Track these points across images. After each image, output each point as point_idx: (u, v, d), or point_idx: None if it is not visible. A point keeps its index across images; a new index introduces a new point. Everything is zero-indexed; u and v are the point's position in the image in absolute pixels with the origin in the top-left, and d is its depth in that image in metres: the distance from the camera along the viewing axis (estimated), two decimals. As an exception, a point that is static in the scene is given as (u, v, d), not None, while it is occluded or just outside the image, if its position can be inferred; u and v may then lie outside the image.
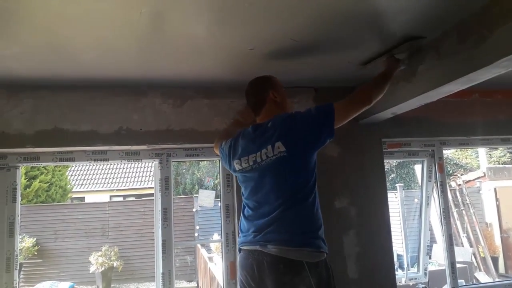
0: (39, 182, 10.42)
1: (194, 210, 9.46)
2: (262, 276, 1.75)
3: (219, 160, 2.73)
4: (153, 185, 2.77)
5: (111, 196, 13.35)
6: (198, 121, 2.56)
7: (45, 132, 2.39)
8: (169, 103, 2.55)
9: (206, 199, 9.33)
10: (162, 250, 2.56)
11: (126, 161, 2.67)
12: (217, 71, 2.31)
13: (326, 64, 2.31)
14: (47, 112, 2.40)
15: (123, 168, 14.71)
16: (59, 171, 11.25)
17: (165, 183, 2.62)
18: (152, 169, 2.79)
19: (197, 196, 9.71)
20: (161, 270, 2.55)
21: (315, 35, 1.88)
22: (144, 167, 14.42)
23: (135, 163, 13.26)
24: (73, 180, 13.85)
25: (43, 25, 1.65)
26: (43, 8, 1.50)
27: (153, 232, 2.73)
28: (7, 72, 2.16)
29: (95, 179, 14.49)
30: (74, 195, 13.19)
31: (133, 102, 2.51)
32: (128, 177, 14.21)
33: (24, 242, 8.50)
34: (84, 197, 13.64)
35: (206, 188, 12.79)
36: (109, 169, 14.80)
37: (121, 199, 12.97)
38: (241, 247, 1.92)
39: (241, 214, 1.99)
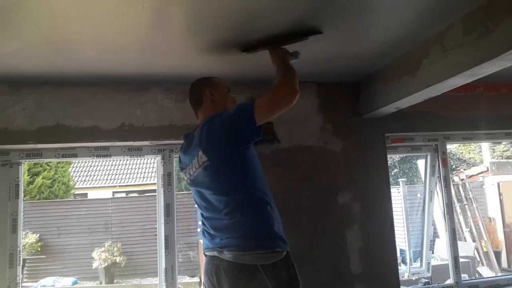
0: (42, 179, 10.44)
1: (196, 205, 9.45)
2: (220, 282, 1.73)
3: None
4: (155, 181, 2.77)
5: (113, 192, 13.38)
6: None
7: (47, 128, 2.39)
8: (172, 98, 2.54)
9: None
10: (165, 246, 2.56)
11: (129, 157, 2.66)
12: (220, 67, 2.29)
13: (330, 58, 2.29)
14: (49, 108, 2.40)
15: (126, 164, 14.74)
16: (62, 167, 11.27)
17: (167, 178, 2.62)
18: (155, 165, 2.78)
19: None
20: (163, 266, 2.56)
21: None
22: (147, 163, 14.44)
23: (137, 159, 13.25)
24: (76, 176, 13.88)
25: (44, 21, 1.64)
26: (44, 4, 1.49)
27: (156, 228, 2.73)
28: (9, 68, 2.16)
29: (97, 175, 14.52)
30: (77, 192, 13.22)
31: (135, 98, 2.50)
32: (130, 173, 14.24)
33: (28, 238, 8.53)
34: (87, 193, 13.67)
35: None
36: (112, 165, 14.83)
37: (123, 195, 12.99)
38: (205, 252, 1.89)
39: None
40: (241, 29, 1.81)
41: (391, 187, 2.85)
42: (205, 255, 1.90)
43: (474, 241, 7.30)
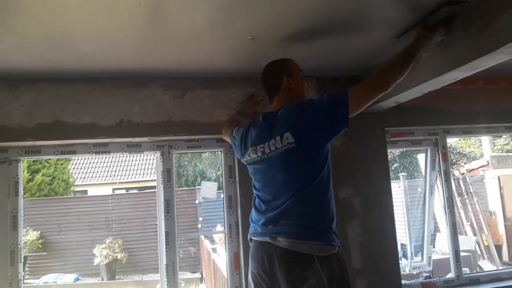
0: (42, 176, 10.46)
1: (197, 201, 9.49)
2: (274, 268, 1.73)
3: (220, 151, 2.72)
4: (155, 177, 2.76)
5: (113, 189, 13.40)
6: (200, 112, 2.54)
7: (45, 125, 2.38)
8: (170, 94, 2.53)
9: (208, 190, 9.36)
10: (165, 242, 2.56)
11: (128, 153, 2.65)
12: (218, 61, 2.28)
13: (330, 52, 2.28)
14: (47, 105, 2.39)
15: (125, 161, 14.74)
16: (61, 164, 11.29)
17: (167, 175, 2.61)
18: (154, 161, 2.78)
19: (200, 188, 9.73)
20: (165, 262, 2.56)
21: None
22: (146, 160, 14.44)
23: (136, 156, 13.26)
24: (75, 173, 13.89)
25: (41, 16, 1.63)
26: (40, -1, 1.48)
27: (156, 224, 2.73)
28: (6, 65, 2.14)
29: (97, 172, 14.54)
30: (77, 188, 13.25)
31: (134, 94, 2.49)
32: (130, 170, 14.24)
33: (29, 235, 8.55)
34: (86, 190, 13.70)
35: (208, 180, 12.81)
36: (111, 162, 14.84)
37: (123, 191, 13.02)
38: (252, 237, 1.90)
39: (253, 205, 1.96)
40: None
41: (391, 181, 2.84)
42: (251, 240, 1.90)
43: (475, 235, 7.32)
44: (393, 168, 13.23)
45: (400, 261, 2.84)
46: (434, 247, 6.09)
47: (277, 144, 1.77)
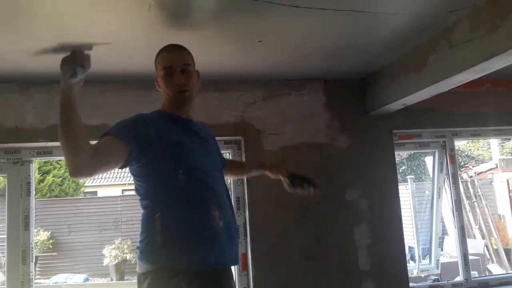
0: (53, 177, 10.56)
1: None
2: None
3: (229, 153, 2.75)
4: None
5: (123, 190, 13.49)
6: (208, 114, 2.57)
7: (57, 126, 2.41)
8: (179, 96, 2.55)
9: None
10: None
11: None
12: (226, 64, 2.31)
13: (337, 55, 2.29)
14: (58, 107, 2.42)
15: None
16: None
17: (176, 176, 2.64)
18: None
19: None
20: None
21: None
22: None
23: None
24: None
25: (54, 20, 1.67)
26: (55, 2, 1.52)
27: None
28: (18, 67, 2.19)
29: (107, 173, 14.64)
30: (87, 190, 13.34)
31: (144, 96, 2.52)
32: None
33: (39, 236, 8.64)
34: (96, 191, 13.80)
35: None
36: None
37: (133, 193, 13.08)
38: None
39: None
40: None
41: (399, 184, 2.85)
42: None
43: (483, 238, 7.25)
44: (400, 171, 13.15)
45: (408, 264, 2.83)
46: (442, 250, 6.06)
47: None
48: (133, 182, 1.58)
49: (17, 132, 2.38)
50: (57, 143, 2.43)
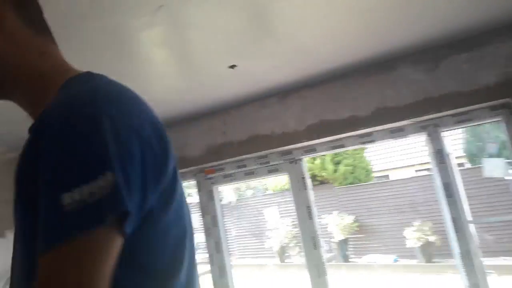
0: (345, 166, 11.55)
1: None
2: None
3: (499, 120, 2.27)
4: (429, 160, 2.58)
5: (416, 171, 13.15)
6: (460, 80, 2.22)
7: (313, 125, 2.66)
8: (421, 69, 2.32)
9: (494, 168, 7.71)
10: (454, 229, 2.37)
11: (393, 139, 2.60)
12: (476, 11, 1.91)
13: None
14: (311, 109, 2.67)
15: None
16: (358, 153, 12.02)
17: (439, 156, 2.40)
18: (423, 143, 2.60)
19: (483, 166, 8.16)
20: (458, 250, 2.36)
21: None
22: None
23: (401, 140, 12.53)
24: (372, 160, 14.31)
25: (285, 35, 1.86)
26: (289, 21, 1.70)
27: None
28: (273, 82, 2.56)
29: (396, 157, 14.63)
30: (378, 174, 13.69)
31: (383, 80, 2.43)
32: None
33: (345, 220, 9.59)
34: (387, 175, 13.99)
35: (490, 156, 10.62)
36: (408, 144, 14.56)
37: (425, 173, 12.57)
38: None
39: None
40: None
41: None
42: None
43: None
44: None
45: None
46: None
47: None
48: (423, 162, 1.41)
49: (286, 137, 2.74)
50: (318, 140, 2.70)
